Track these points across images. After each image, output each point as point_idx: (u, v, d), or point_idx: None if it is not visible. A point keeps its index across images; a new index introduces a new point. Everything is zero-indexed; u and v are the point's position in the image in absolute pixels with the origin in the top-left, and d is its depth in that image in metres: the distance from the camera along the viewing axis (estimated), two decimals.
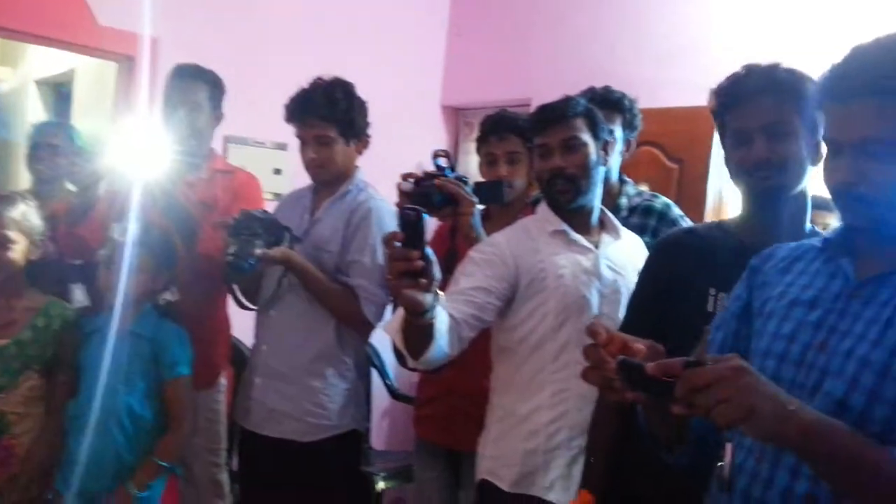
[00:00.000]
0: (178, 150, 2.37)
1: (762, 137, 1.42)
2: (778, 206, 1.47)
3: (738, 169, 1.48)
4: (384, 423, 3.78)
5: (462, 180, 1.93)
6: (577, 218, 1.86)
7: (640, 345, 0.99)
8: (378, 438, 3.58)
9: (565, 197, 1.82)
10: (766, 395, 0.88)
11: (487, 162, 2.21)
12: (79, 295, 2.79)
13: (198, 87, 2.41)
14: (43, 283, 2.20)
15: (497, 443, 1.83)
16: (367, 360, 2.32)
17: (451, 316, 1.63)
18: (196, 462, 2.43)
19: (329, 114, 2.13)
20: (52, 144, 3.07)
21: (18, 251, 2.05)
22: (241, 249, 1.97)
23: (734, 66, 1.39)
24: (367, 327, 2.17)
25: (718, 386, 0.86)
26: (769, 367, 1.12)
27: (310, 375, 2.14)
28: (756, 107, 1.42)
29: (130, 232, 2.05)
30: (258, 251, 1.98)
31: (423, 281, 1.24)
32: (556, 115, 1.82)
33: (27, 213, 2.10)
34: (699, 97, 3.03)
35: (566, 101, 1.84)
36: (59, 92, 5.03)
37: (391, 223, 2.07)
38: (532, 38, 3.85)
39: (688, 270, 1.52)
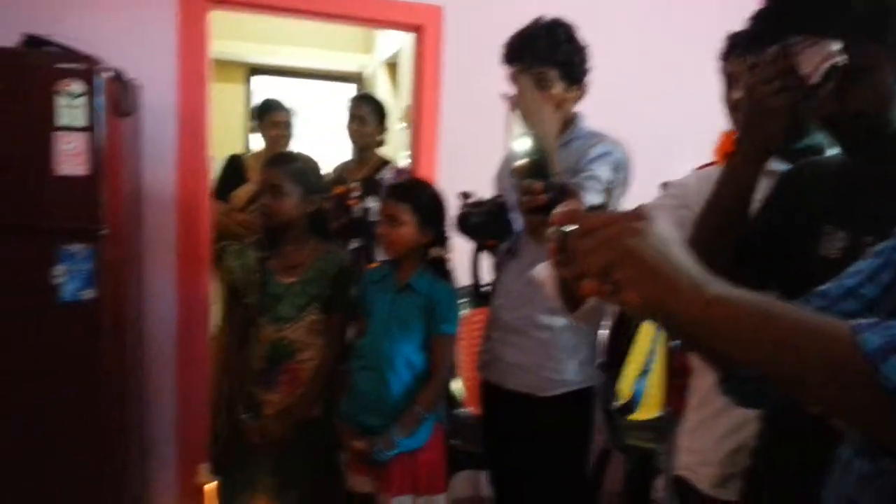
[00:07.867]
0: None
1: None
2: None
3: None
4: None
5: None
6: None
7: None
8: None
9: None
10: (655, 246, 0.70)
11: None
12: (355, 246, 3.11)
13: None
14: (324, 233, 2.45)
15: (694, 434, 1.58)
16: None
17: None
18: None
19: (550, 54, 2.00)
20: (360, 116, 3.39)
21: (290, 203, 2.29)
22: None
23: None
24: None
25: (608, 228, 0.72)
26: None
27: (539, 329, 2.08)
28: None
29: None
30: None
31: None
32: None
33: (303, 170, 2.33)
34: None
35: None
36: (393, 71, 5.53)
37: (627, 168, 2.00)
38: None
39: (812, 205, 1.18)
